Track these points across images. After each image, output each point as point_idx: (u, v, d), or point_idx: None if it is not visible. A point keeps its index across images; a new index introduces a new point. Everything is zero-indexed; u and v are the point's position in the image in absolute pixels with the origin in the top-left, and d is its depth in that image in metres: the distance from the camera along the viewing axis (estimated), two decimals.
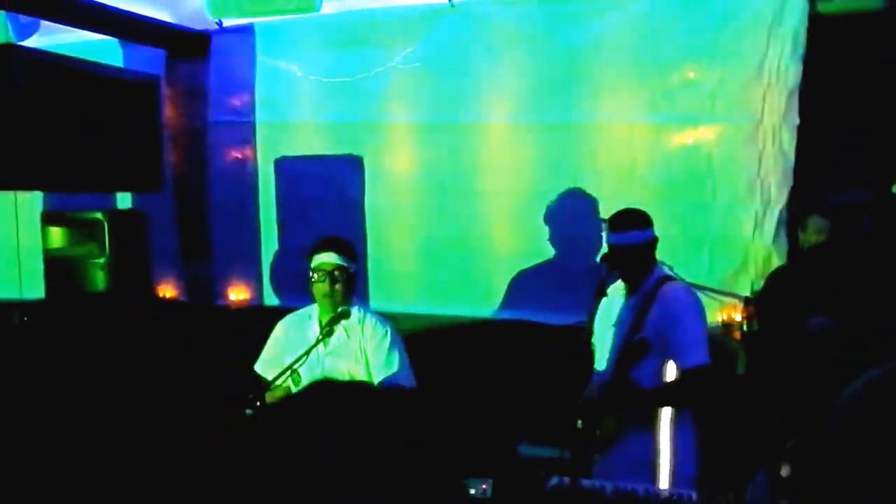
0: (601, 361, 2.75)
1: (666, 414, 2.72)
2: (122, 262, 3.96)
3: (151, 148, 3.96)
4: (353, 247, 2.94)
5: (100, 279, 3.95)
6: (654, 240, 2.73)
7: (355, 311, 2.89)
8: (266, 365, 3.00)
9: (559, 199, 3.63)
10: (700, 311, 2.74)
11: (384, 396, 2.79)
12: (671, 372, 2.75)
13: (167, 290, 4.29)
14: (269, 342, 3.03)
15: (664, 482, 2.66)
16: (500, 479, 2.70)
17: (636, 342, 2.65)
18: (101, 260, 3.92)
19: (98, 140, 3.67)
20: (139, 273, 4.10)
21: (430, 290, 3.88)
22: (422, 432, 2.66)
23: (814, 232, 3.17)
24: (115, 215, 4.04)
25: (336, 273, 2.80)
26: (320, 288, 2.83)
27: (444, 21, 3.76)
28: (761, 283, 3.38)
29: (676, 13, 3.44)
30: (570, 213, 3.61)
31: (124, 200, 4.29)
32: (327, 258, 2.82)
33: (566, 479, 2.52)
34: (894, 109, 3.27)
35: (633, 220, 2.72)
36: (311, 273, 2.87)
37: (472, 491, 2.70)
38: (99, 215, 3.93)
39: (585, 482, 2.53)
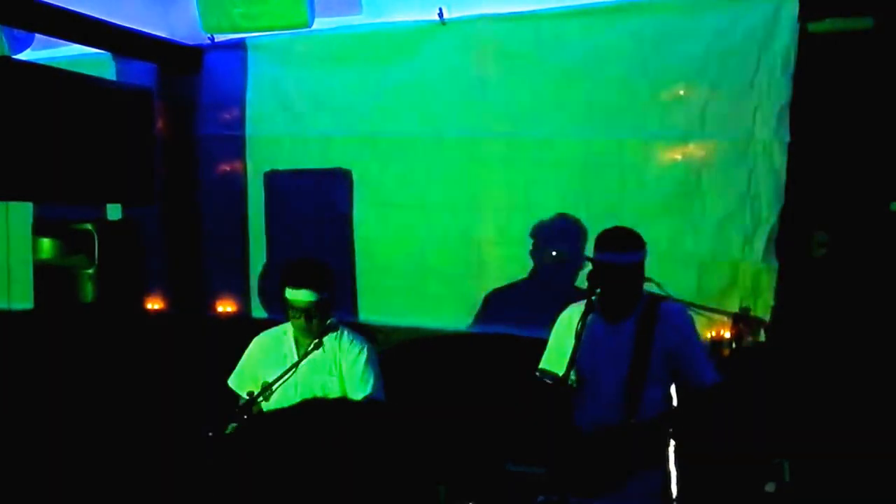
0: (597, 394, 2.66)
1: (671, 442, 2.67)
2: (111, 273, 3.96)
3: (145, 161, 3.97)
4: (326, 271, 2.94)
5: (89, 290, 3.95)
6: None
7: (333, 327, 2.92)
8: (240, 380, 3.03)
9: (547, 215, 3.61)
10: (696, 326, 2.79)
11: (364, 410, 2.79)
12: (674, 396, 2.71)
13: (155, 302, 4.28)
14: (244, 358, 3.06)
15: None
16: (487, 497, 2.67)
17: None
18: (91, 271, 3.92)
19: (91, 152, 3.69)
20: (129, 284, 4.09)
21: (417, 303, 3.85)
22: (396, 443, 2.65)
23: (817, 246, 3.22)
24: (106, 226, 4.04)
25: (312, 310, 2.82)
26: (297, 324, 2.87)
27: (435, 37, 3.76)
28: (751, 300, 3.37)
29: (667, 31, 3.43)
30: (558, 229, 3.59)
31: (115, 211, 4.28)
32: (302, 296, 2.82)
33: (553, 498, 2.50)
34: (884, 127, 3.27)
35: (634, 239, 2.68)
36: (286, 302, 2.87)
37: None
38: (89, 226, 3.93)
39: (573, 500, 2.51)
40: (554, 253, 3.58)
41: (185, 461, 3.35)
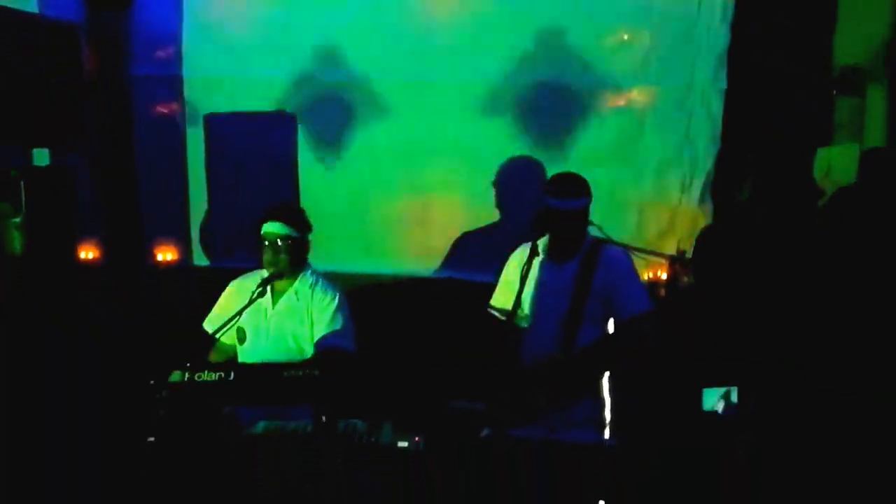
0: (536, 330, 2.77)
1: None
2: (41, 222, 3.78)
3: (73, 103, 3.77)
4: (303, 214, 2.99)
5: (16, 240, 3.78)
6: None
7: (308, 276, 2.95)
8: (214, 323, 3.00)
9: (494, 160, 3.64)
10: (636, 268, 2.88)
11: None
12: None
13: (89, 251, 4.12)
14: (219, 301, 3.05)
15: (606, 433, 2.76)
16: (434, 433, 2.74)
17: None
18: (17, 220, 3.73)
19: (12, 92, 3.48)
20: (60, 233, 3.92)
21: (367, 249, 3.85)
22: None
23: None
24: (33, 172, 3.84)
25: (280, 243, 2.85)
26: (265, 257, 2.87)
27: None
28: (687, 243, 3.51)
29: None
30: (508, 174, 3.63)
31: (42, 158, 4.07)
32: (272, 228, 2.86)
33: (497, 430, 2.59)
34: (817, 76, 3.41)
35: (581, 186, 2.79)
36: (259, 238, 2.89)
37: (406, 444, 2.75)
38: (14, 172, 3.73)
39: (516, 432, 2.61)
40: None
41: (125, 414, 3.31)
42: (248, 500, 2.65)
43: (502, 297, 2.92)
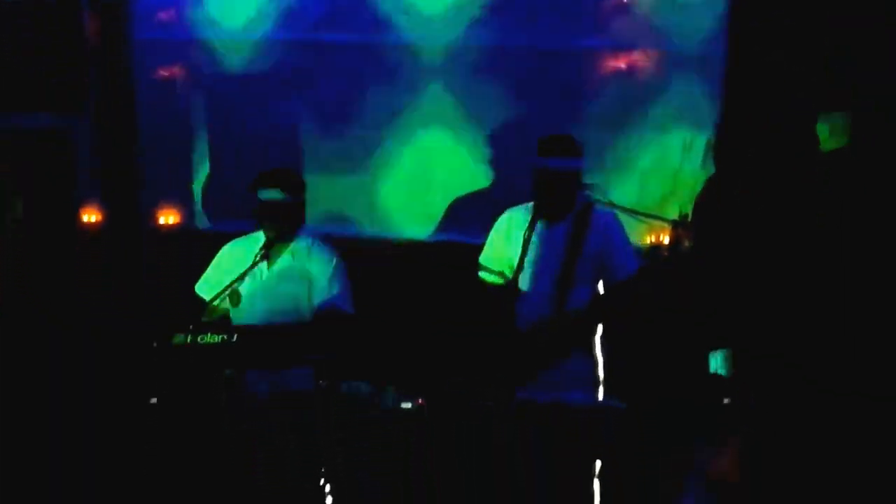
0: (530, 291, 2.77)
1: (599, 329, 2.82)
2: (41, 186, 3.80)
3: (75, 66, 3.76)
4: (296, 176, 3.01)
5: (17, 204, 3.80)
6: None
7: (305, 237, 2.95)
8: (208, 285, 3.01)
9: (492, 124, 3.64)
10: (625, 230, 2.92)
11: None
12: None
13: (91, 215, 4.13)
14: (213, 263, 3.05)
15: (601, 393, 2.79)
16: (437, 397, 2.78)
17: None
18: (18, 184, 3.76)
19: (15, 56, 3.48)
20: (62, 198, 3.94)
21: (366, 212, 3.86)
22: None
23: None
24: (35, 136, 3.85)
25: (275, 208, 2.85)
26: (265, 225, 2.89)
27: None
28: (689, 206, 3.51)
29: None
30: (507, 138, 3.62)
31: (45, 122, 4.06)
32: (266, 194, 2.86)
33: (499, 397, 2.63)
34: (819, 37, 3.37)
35: (575, 146, 2.80)
36: (257, 203, 2.90)
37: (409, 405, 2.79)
38: (16, 136, 3.74)
39: (520, 394, 2.64)
40: None
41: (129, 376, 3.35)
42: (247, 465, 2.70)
43: (495, 260, 2.93)
